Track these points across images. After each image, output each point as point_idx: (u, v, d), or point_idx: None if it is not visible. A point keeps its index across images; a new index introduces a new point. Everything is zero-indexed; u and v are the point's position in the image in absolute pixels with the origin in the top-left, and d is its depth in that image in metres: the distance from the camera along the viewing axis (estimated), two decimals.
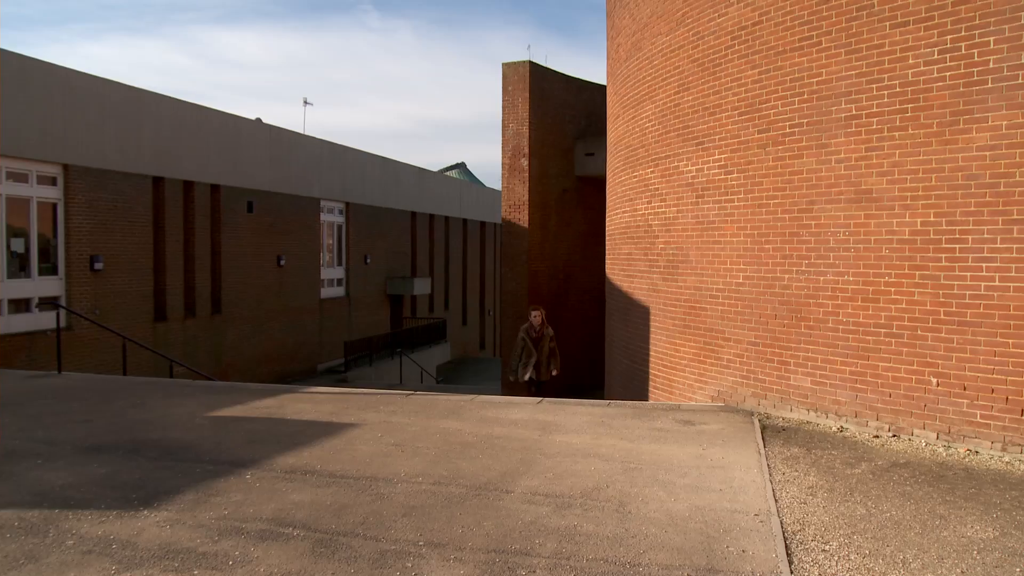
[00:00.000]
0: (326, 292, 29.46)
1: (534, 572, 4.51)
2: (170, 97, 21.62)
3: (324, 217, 29.34)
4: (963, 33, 7.33)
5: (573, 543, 4.94)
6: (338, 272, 30.55)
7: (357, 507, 5.59)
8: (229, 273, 23.73)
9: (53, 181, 18.50)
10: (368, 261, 31.85)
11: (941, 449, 7.40)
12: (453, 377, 33.68)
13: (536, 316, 12.74)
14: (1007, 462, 6.95)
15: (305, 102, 50.39)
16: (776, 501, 5.86)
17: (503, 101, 21.02)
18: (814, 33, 8.53)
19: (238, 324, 24.20)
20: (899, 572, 4.63)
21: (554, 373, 12.72)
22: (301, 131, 29.34)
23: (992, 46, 7.16)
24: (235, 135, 24.16)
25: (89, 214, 19.13)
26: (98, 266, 19.21)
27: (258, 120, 26.24)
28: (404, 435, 7.74)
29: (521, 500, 5.76)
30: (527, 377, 12.49)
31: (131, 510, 5.52)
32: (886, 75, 7.88)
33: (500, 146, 21.21)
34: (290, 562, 4.64)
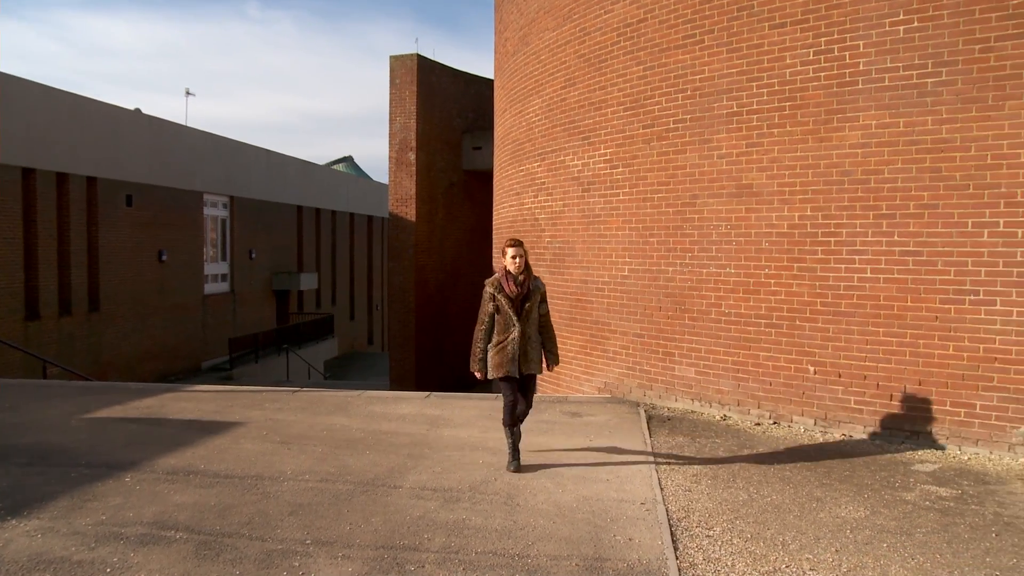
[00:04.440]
0: (210, 288, 28.35)
1: (423, 567, 4.42)
2: (40, 84, 20.26)
3: (207, 211, 28.21)
4: (836, 36, 7.52)
5: (462, 537, 4.87)
6: (222, 267, 29.45)
7: (242, 507, 5.38)
8: (108, 269, 22.49)
9: None
10: (253, 256, 30.84)
11: (818, 434, 7.58)
12: (341, 373, 33.05)
13: (516, 258, 6.47)
14: (878, 445, 7.19)
15: (187, 93, 48.35)
16: (662, 489, 5.90)
17: (390, 94, 20.66)
18: (697, 31, 8.59)
19: (117, 322, 22.97)
20: (779, 553, 4.73)
21: (549, 368, 6.78)
22: (183, 123, 28.16)
23: (862, 49, 7.36)
24: (112, 126, 22.89)
25: None
26: None
27: (137, 111, 24.98)
28: (290, 432, 7.51)
29: (409, 495, 5.65)
30: (499, 372, 6.45)
31: None
32: (765, 74, 8.00)
33: (388, 140, 20.88)
34: (172, 566, 4.40)
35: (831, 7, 7.53)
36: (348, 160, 60.92)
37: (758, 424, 8.01)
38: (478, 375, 6.58)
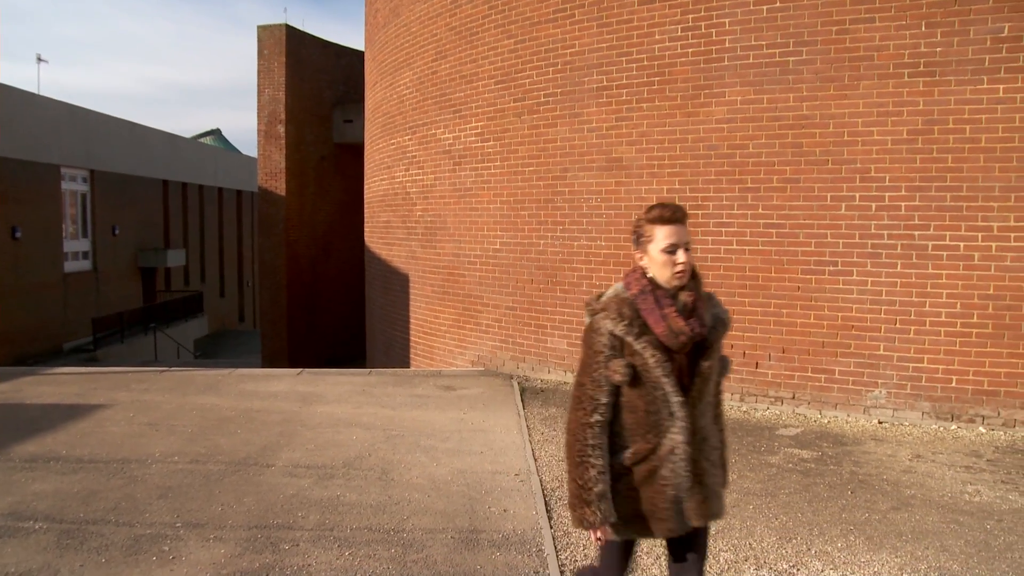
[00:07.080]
0: (70, 266, 26.43)
1: (297, 545, 4.26)
2: None
3: (66, 185, 26.21)
4: (703, 13, 7.41)
5: (336, 514, 4.72)
6: (83, 244, 27.51)
7: (108, 492, 5.04)
8: None
9: None
10: (117, 232, 28.95)
11: None
12: (212, 351, 31.71)
13: (678, 252, 2.49)
14: (744, 411, 7.22)
15: (39, 59, 44.88)
16: (536, 460, 5.81)
17: (259, 65, 19.67)
18: (568, 6, 8.32)
19: None
20: None
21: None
22: (35, 91, 26.03)
23: (728, 27, 7.28)
24: None
25: None
26: None
27: None
28: (158, 413, 7.09)
29: (283, 473, 5.43)
30: (657, 526, 2.50)
31: None
32: (635, 49, 7.82)
33: (256, 112, 19.91)
34: (31, 558, 4.05)
35: None
36: (216, 133, 58.15)
37: None
38: (598, 536, 2.52)
